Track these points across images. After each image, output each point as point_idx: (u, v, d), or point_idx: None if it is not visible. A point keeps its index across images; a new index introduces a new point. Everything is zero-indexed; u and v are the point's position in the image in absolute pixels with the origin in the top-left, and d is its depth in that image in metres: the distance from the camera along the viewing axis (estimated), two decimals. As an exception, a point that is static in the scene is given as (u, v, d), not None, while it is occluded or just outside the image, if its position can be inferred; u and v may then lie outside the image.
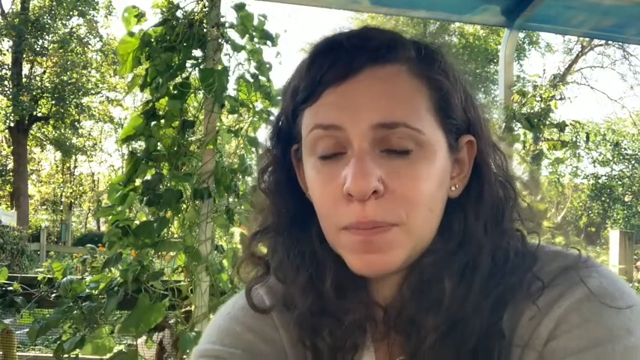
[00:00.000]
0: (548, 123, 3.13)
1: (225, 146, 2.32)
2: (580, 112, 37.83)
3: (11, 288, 2.34)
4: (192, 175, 2.17)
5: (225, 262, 2.26)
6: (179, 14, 2.20)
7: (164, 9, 2.22)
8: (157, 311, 2.06)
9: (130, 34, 2.20)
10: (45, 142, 20.79)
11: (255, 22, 2.32)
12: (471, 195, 0.64)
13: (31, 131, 18.88)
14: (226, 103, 2.21)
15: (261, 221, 0.71)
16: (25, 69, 18.48)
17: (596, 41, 18.79)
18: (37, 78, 18.44)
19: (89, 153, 22.19)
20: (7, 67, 17.65)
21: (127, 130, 2.18)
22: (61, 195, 23.23)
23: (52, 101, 17.88)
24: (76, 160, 23.76)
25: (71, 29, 18.55)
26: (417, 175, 0.59)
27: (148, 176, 2.19)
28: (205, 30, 2.20)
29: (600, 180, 18.05)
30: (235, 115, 2.45)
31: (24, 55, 17.58)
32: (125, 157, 2.32)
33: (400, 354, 0.65)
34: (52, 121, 18.80)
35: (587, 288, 0.58)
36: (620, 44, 17.82)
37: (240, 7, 2.29)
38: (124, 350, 2.19)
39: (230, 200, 2.28)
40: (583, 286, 0.58)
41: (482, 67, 17.89)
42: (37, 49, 17.73)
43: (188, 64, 2.21)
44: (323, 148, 0.61)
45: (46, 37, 18.00)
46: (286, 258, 0.68)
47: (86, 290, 2.21)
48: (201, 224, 2.16)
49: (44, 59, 18.23)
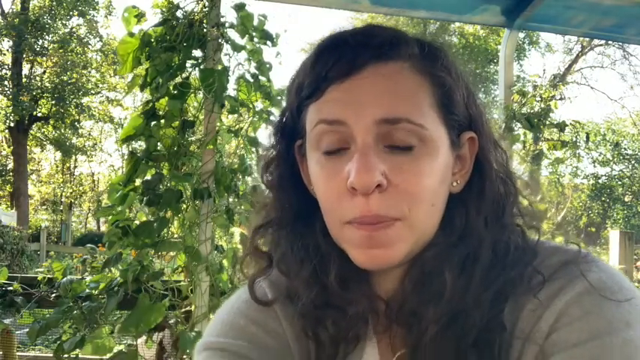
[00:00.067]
0: (548, 123, 3.13)
1: (225, 146, 2.32)
2: (580, 112, 37.83)
3: (11, 288, 2.34)
4: (192, 175, 2.17)
5: (225, 262, 2.26)
6: (179, 14, 2.20)
7: (164, 9, 2.22)
8: (157, 311, 2.06)
9: (130, 34, 2.21)
10: (45, 142, 20.79)
11: (255, 22, 2.32)
12: (473, 190, 0.65)
13: (31, 131, 18.88)
14: (226, 103, 2.21)
15: (264, 216, 0.72)
16: (25, 69, 18.48)
17: (596, 41, 18.79)
18: (37, 78, 18.44)
19: (89, 153, 22.19)
20: (7, 67, 17.65)
21: (127, 130, 2.18)
22: (61, 195, 23.23)
23: (52, 101, 17.88)
24: (76, 160, 23.76)
25: (71, 29, 18.54)
26: (419, 171, 0.60)
27: (148, 176, 2.19)
28: (205, 30, 2.20)
29: (600, 180, 18.05)
30: (235, 115, 2.45)
31: (24, 55, 17.58)
32: (125, 157, 2.32)
33: (402, 347, 0.65)
34: (52, 121, 18.80)
35: (587, 282, 0.59)
36: (620, 44, 17.83)
37: (240, 7, 2.29)
38: (124, 350, 2.19)
39: (230, 200, 2.28)
40: (583, 280, 0.59)
41: (482, 67, 17.88)
42: (37, 49, 17.72)
43: (188, 64, 2.21)
44: (327, 143, 0.62)
45: (46, 37, 18.00)
46: (290, 251, 0.68)
47: (86, 290, 2.21)
48: (201, 224, 2.16)
49: (44, 59, 18.23)
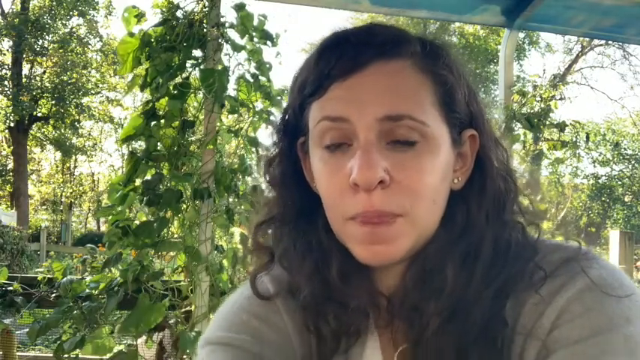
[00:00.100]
0: (548, 123, 3.13)
1: (225, 146, 2.32)
2: (580, 112, 37.82)
3: (11, 288, 2.34)
4: (192, 175, 2.17)
5: (225, 262, 2.26)
6: (179, 14, 2.20)
7: (164, 9, 2.22)
8: (157, 311, 2.06)
9: (130, 34, 2.20)
10: (45, 142, 20.79)
11: (255, 22, 2.32)
12: (474, 187, 0.66)
13: (31, 131, 18.88)
14: (226, 103, 2.21)
15: (267, 212, 0.72)
16: (25, 69, 18.48)
17: (596, 41, 18.79)
18: (37, 78, 18.44)
19: (89, 153, 22.19)
20: (7, 67, 17.64)
21: (127, 130, 2.18)
22: (61, 195, 23.22)
23: (52, 101, 17.88)
24: (76, 160, 23.76)
25: (71, 29, 18.54)
26: (421, 168, 0.60)
27: (148, 176, 2.19)
28: (205, 30, 2.20)
29: (600, 180, 18.06)
30: (235, 115, 2.45)
31: (24, 55, 17.57)
32: (125, 157, 2.32)
33: (404, 342, 0.66)
34: (52, 121, 18.79)
35: (588, 278, 0.59)
36: (620, 44, 17.83)
37: (240, 7, 2.29)
38: (124, 350, 2.19)
39: (230, 200, 2.27)
40: (585, 277, 0.59)
41: (482, 67, 17.88)
42: (37, 49, 17.72)
43: (188, 64, 2.21)
44: (330, 139, 0.62)
45: (46, 37, 17.99)
46: (292, 247, 0.69)
47: (86, 290, 2.21)
48: (201, 224, 2.16)
49: (44, 59, 18.23)
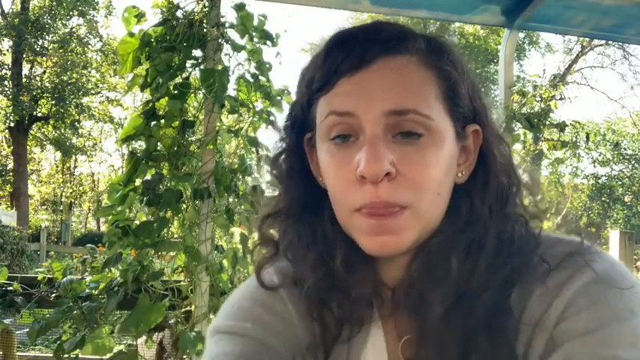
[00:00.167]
0: (548, 123, 3.13)
1: (225, 146, 2.32)
2: (580, 112, 37.82)
3: (11, 288, 2.34)
4: (192, 175, 2.17)
5: (225, 262, 2.26)
6: (179, 14, 2.20)
7: (164, 9, 2.22)
8: (157, 311, 2.06)
9: (130, 34, 2.20)
10: (45, 142, 20.78)
11: (255, 22, 2.32)
12: (477, 181, 0.67)
13: (31, 131, 18.87)
14: (226, 103, 2.21)
15: (273, 206, 0.74)
16: (25, 69, 18.47)
17: (596, 41, 18.79)
18: (37, 78, 18.42)
19: (89, 153, 22.18)
20: (7, 67, 17.63)
21: (127, 130, 2.18)
22: (61, 195, 23.21)
23: (52, 101, 17.87)
24: (76, 160, 23.75)
25: (71, 29, 18.53)
26: (426, 162, 0.61)
27: (148, 176, 2.19)
28: (205, 30, 2.20)
29: (600, 180, 18.04)
30: (235, 115, 2.45)
31: (24, 55, 17.57)
32: (125, 157, 2.32)
33: (408, 331, 0.66)
34: (52, 121, 18.78)
35: (594, 271, 0.60)
36: (620, 44, 17.82)
37: (240, 7, 2.29)
38: (124, 350, 2.19)
39: (230, 200, 2.27)
40: (590, 270, 0.60)
41: (482, 67, 17.88)
42: (37, 49, 17.71)
43: (188, 64, 2.21)
44: (337, 132, 0.64)
45: (46, 37, 17.98)
46: (297, 239, 0.71)
47: (86, 290, 2.21)
48: (201, 224, 2.16)
49: (44, 59, 18.22)
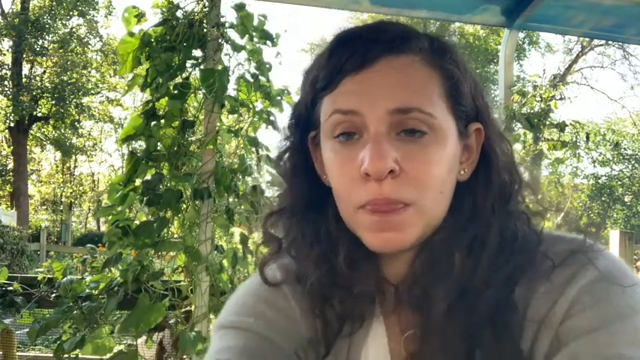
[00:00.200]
0: (548, 123, 3.13)
1: (225, 146, 2.32)
2: (580, 112, 37.75)
3: (11, 288, 2.34)
4: (192, 175, 2.16)
5: (225, 262, 2.26)
6: (179, 14, 2.20)
7: (164, 9, 2.22)
8: (157, 311, 2.06)
9: (130, 34, 2.20)
10: (45, 142, 20.77)
11: (255, 22, 2.32)
12: (479, 179, 0.68)
13: (31, 131, 18.86)
14: (226, 103, 2.21)
15: (278, 204, 0.75)
16: (25, 69, 18.46)
17: (596, 41, 18.79)
18: (37, 78, 18.42)
19: (89, 153, 22.17)
20: (7, 67, 17.63)
21: (127, 130, 2.18)
22: (61, 195, 23.21)
23: (52, 101, 17.86)
24: (76, 160, 23.75)
25: (71, 29, 18.52)
26: (429, 160, 0.62)
27: (148, 176, 2.18)
28: (205, 30, 2.20)
29: (600, 180, 18.04)
30: (235, 115, 2.45)
31: (24, 55, 17.56)
32: (125, 157, 2.32)
33: (410, 327, 0.67)
34: (52, 121, 18.78)
35: (597, 269, 0.61)
36: (620, 44, 17.83)
37: (240, 7, 2.29)
38: (124, 350, 2.19)
39: (230, 200, 2.27)
40: (594, 268, 0.61)
41: (482, 67, 17.88)
42: (37, 49, 17.70)
43: (188, 64, 2.21)
44: (341, 130, 0.64)
45: (46, 37, 17.97)
46: (300, 236, 0.71)
47: (86, 290, 2.21)
48: (201, 224, 2.16)
49: (44, 59, 18.21)
